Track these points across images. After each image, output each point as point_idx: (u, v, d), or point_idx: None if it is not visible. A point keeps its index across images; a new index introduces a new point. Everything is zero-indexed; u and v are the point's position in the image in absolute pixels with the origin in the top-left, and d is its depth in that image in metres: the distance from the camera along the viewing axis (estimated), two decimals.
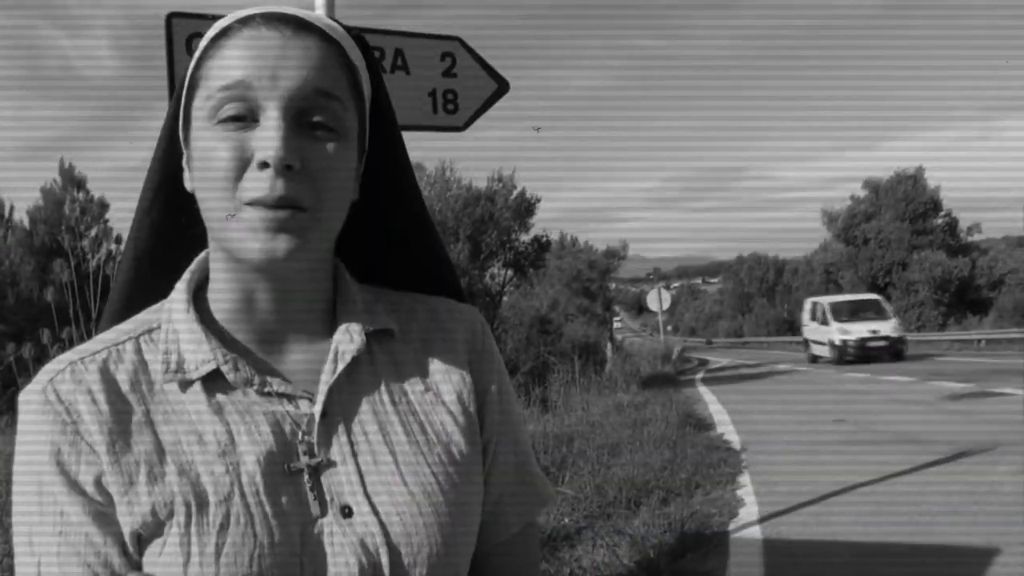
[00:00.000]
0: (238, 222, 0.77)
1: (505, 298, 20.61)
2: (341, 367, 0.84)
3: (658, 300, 27.97)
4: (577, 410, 11.21)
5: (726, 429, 9.91)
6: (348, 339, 0.85)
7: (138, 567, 0.77)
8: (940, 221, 45.25)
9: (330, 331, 0.87)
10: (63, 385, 0.80)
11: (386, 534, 0.78)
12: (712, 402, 13.48)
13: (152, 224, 0.91)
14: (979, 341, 29.84)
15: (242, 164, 0.76)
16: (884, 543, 4.78)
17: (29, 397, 0.80)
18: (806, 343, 27.08)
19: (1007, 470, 6.52)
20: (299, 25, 0.80)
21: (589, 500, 5.84)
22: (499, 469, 0.92)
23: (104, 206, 16.98)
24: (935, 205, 45.19)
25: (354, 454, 0.82)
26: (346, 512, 0.79)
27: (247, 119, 0.77)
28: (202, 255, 0.88)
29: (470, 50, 3.51)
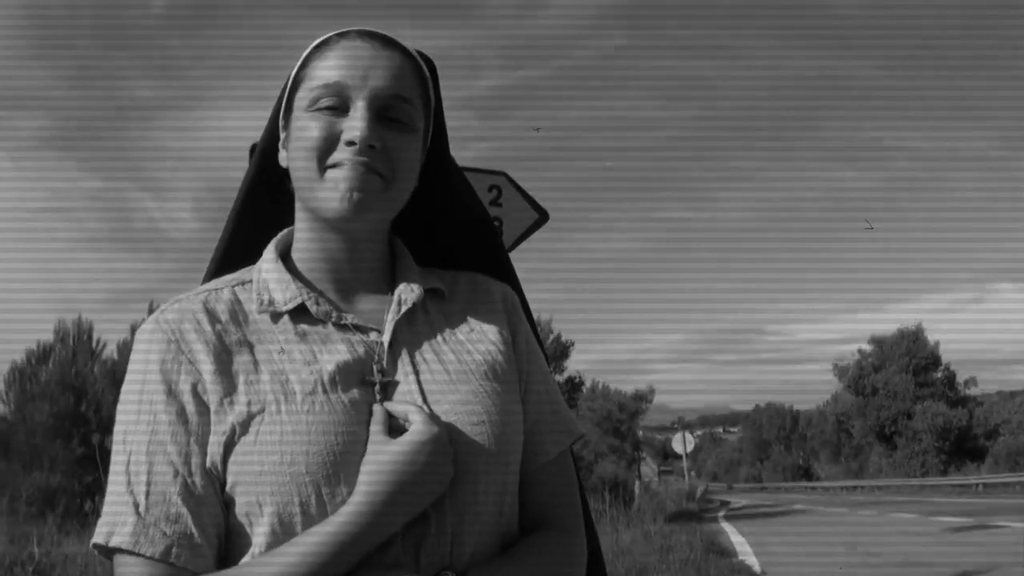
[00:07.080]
0: (323, 183, 0.88)
1: None
2: (404, 309, 0.94)
3: (683, 442, 27.66)
4: (607, 535, 11.09)
5: (747, 557, 9.77)
6: (409, 290, 0.95)
7: (216, 470, 0.82)
8: (940, 375, 44.49)
9: (390, 289, 0.97)
10: (170, 315, 0.89)
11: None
12: (734, 534, 13.24)
13: (238, 214, 1.03)
14: (978, 485, 28.92)
15: (331, 140, 0.88)
16: None
17: (142, 328, 0.89)
18: None
19: None
20: (386, 41, 0.93)
21: None
22: (533, 397, 0.98)
23: None
24: (935, 359, 44.55)
25: (416, 373, 0.90)
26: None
27: (339, 110, 0.89)
28: (285, 231, 0.99)
29: (515, 184, 3.69)
